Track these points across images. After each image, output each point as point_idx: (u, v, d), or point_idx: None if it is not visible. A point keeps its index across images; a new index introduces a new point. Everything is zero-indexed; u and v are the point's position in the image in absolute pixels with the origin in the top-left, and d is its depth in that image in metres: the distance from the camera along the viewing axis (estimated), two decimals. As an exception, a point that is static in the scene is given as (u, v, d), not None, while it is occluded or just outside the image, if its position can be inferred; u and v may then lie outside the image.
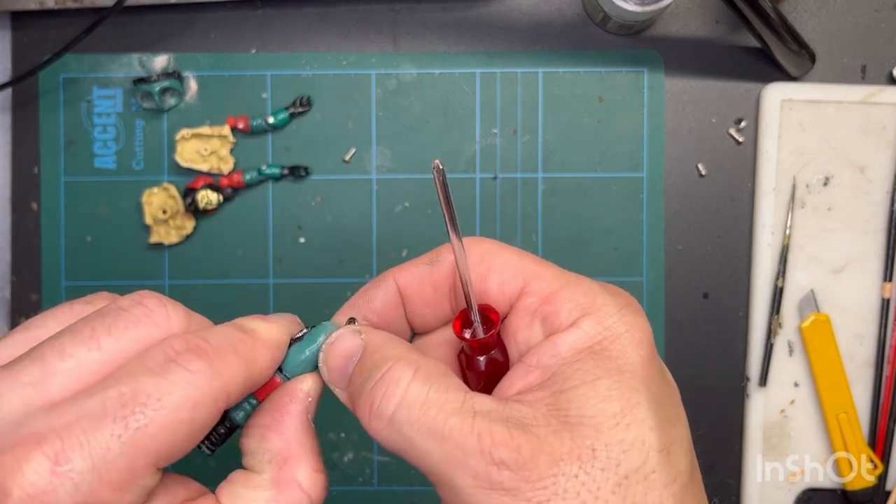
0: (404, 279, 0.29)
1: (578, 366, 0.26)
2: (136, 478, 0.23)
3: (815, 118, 0.52)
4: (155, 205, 0.52)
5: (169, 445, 0.23)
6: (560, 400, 0.25)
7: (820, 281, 0.52)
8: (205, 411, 0.24)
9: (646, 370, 0.26)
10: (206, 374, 0.24)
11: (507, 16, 0.53)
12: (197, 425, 0.24)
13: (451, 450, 0.24)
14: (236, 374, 0.25)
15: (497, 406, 0.25)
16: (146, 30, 0.53)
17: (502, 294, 0.28)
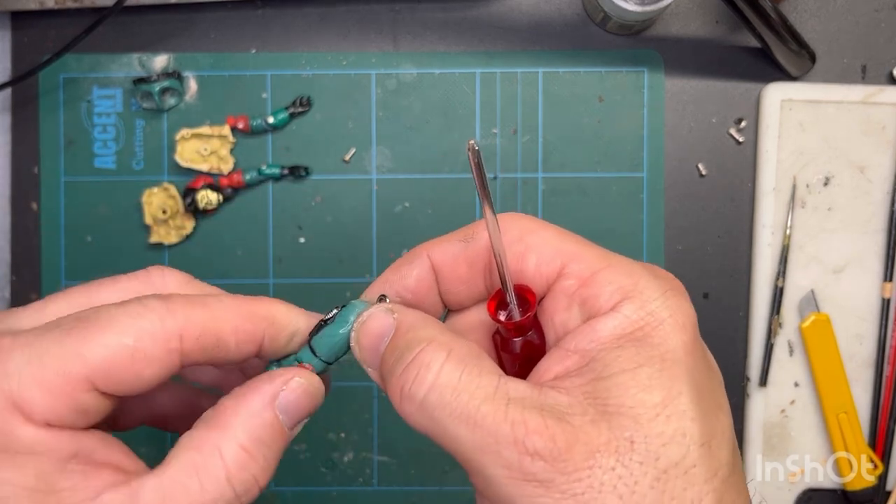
0: (438, 256, 0.29)
1: (618, 352, 0.24)
2: (68, 385, 0.25)
3: (816, 118, 0.52)
4: (155, 205, 0.52)
5: (108, 364, 0.25)
6: (598, 388, 0.24)
7: (820, 281, 0.52)
8: (150, 343, 0.25)
9: (689, 357, 0.25)
10: (158, 312, 0.26)
11: (507, 16, 0.53)
12: (140, 356, 0.25)
13: (483, 437, 0.23)
14: (194, 320, 0.26)
15: (532, 392, 0.24)
16: (146, 30, 0.53)
17: (539, 274, 0.27)
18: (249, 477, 0.26)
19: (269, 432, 0.27)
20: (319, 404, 0.28)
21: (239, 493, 0.26)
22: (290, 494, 0.53)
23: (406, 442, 0.53)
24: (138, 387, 0.26)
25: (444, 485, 0.53)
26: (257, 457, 0.26)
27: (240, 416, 0.27)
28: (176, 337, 0.26)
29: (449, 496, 0.53)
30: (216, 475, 0.25)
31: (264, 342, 0.29)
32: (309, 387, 0.28)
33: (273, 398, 0.27)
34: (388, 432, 0.53)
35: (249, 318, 0.28)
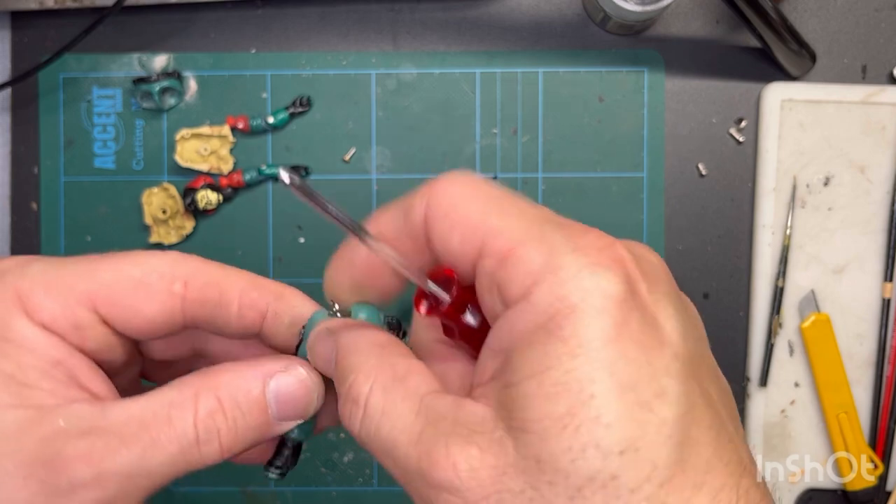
0: (384, 231, 0.27)
1: (528, 352, 0.21)
2: (72, 296, 0.27)
3: (816, 118, 0.52)
4: (155, 205, 0.52)
5: (111, 286, 0.27)
6: (508, 397, 0.21)
7: (820, 281, 0.52)
8: (155, 279, 0.28)
9: (610, 345, 0.21)
10: (171, 256, 0.28)
11: (507, 16, 0.53)
12: (143, 288, 0.28)
13: (399, 470, 0.23)
14: (202, 271, 0.28)
15: (451, 409, 0.22)
16: (146, 30, 0.53)
17: (463, 254, 0.24)
18: (214, 429, 0.26)
19: (249, 404, 0.26)
20: (313, 405, 0.28)
21: (201, 439, 0.26)
22: (290, 494, 0.53)
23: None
24: (137, 323, 0.28)
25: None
26: (228, 416, 0.26)
27: (227, 376, 0.27)
28: (181, 281, 0.28)
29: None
30: (185, 414, 0.26)
31: (267, 317, 0.29)
32: (307, 381, 0.27)
33: (266, 376, 0.27)
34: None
35: (257, 287, 0.29)
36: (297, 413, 0.27)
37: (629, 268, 0.24)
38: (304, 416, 0.28)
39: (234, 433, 0.26)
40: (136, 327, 0.28)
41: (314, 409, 0.28)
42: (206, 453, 0.26)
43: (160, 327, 0.28)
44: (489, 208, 0.24)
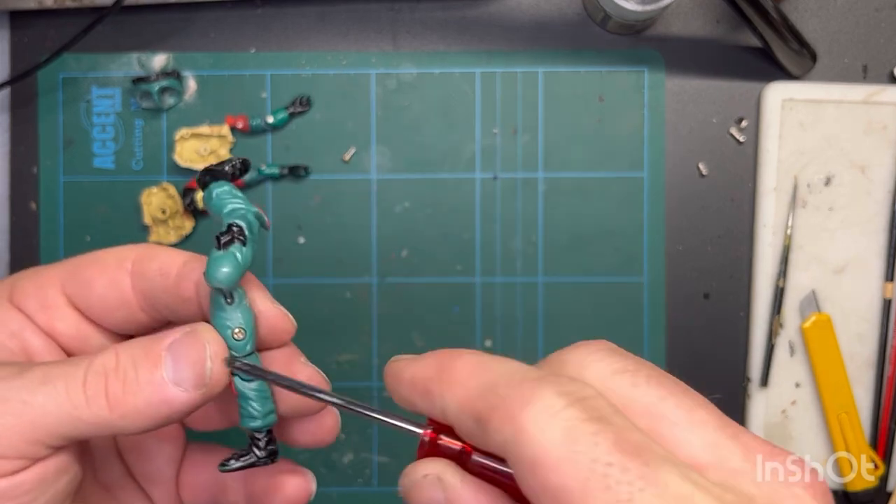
0: (454, 420, 0.24)
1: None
2: (47, 282, 0.29)
3: (816, 118, 0.52)
4: (154, 205, 0.52)
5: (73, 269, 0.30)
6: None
7: (821, 281, 0.52)
8: (109, 256, 0.30)
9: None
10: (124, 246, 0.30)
11: (507, 15, 0.53)
12: (99, 263, 0.29)
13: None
14: (150, 249, 0.30)
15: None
16: (145, 29, 0.53)
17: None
18: (102, 376, 0.25)
19: (144, 357, 0.26)
20: (207, 369, 0.26)
21: (88, 383, 0.25)
22: (290, 495, 0.53)
23: (406, 442, 0.53)
24: (92, 299, 0.29)
25: None
26: (120, 368, 0.25)
27: (139, 339, 0.27)
28: (129, 258, 0.29)
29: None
30: (83, 362, 0.26)
31: (199, 285, 0.28)
32: (202, 340, 0.26)
33: (169, 335, 0.26)
34: (387, 433, 0.53)
35: (197, 259, 0.29)
36: (190, 375, 0.26)
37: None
38: (202, 381, 0.26)
39: (122, 388, 0.25)
40: (93, 304, 0.29)
41: (210, 371, 0.26)
42: (94, 407, 0.25)
43: (115, 305, 0.29)
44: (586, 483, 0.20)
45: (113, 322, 0.30)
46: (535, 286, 0.53)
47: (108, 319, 0.30)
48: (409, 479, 0.25)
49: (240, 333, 0.27)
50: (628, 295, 0.53)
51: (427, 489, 0.24)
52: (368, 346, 0.53)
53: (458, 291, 0.53)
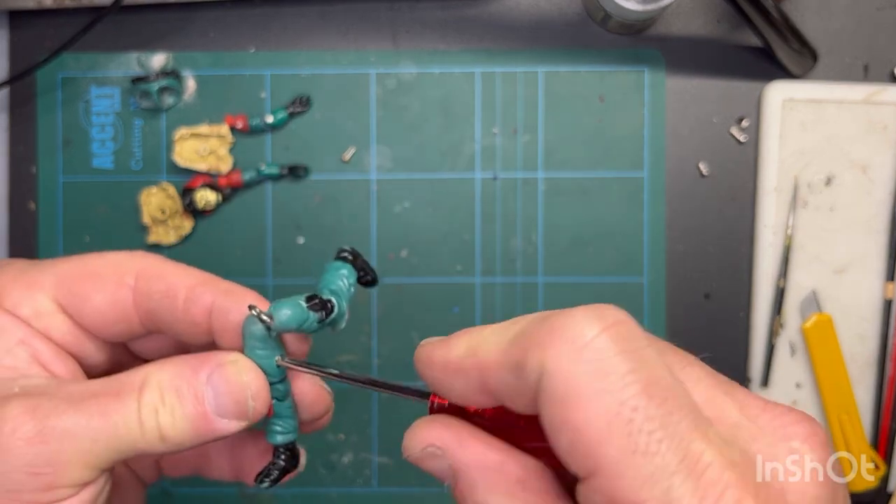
0: (493, 384, 0.23)
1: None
2: (35, 285, 0.29)
3: (817, 117, 0.51)
4: (153, 205, 0.52)
5: (68, 277, 0.29)
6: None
7: (822, 281, 0.52)
8: (106, 270, 0.29)
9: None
10: (123, 254, 0.30)
11: (507, 14, 0.53)
12: (96, 277, 0.29)
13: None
14: (153, 265, 0.29)
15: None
16: (144, 29, 0.53)
17: (567, 459, 0.21)
18: (154, 412, 0.26)
19: (187, 392, 0.27)
20: (250, 405, 0.27)
21: (143, 419, 0.26)
22: (289, 496, 0.53)
23: (406, 443, 0.53)
24: (89, 312, 0.29)
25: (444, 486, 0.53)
26: (167, 402, 0.26)
27: (173, 364, 0.27)
28: (133, 273, 0.29)
29: (448, 497, 0.53)
30: (131, 393, 0.26)
31: (213, 311, 0.28)
32: (242, 376, 0.27)
33: (207, 367, 0.27)
34: (387, 433, 0.53)
35: (206, 283, 0.29)
36: (234, 410, 0.27)
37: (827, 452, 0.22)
38: (244, 416, 0.27)
39: (172, 420, 0.26)
40: (90, 316, 0.29)
41: (252, 408, 0.27)
42: (149, 436, 0.26)
43: (114, 320, 0.29)
44: (612, 420, 0.20)
45: (109, 334, 0.30)
46: (535, 286, 0.53)
47: (104, 331, 0.30)
48: (412, 452, 0.25)
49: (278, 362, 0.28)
50: (628, 295, 0.52)
51: (430, 461, 0.24)
52: (368, 346, 0.53)
53: (458, 291, 0.53)
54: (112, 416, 0.26)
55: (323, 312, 0.28)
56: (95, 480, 0.26)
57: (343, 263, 0.30)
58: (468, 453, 0.23)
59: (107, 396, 0.26)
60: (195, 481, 0.52)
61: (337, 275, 0.29)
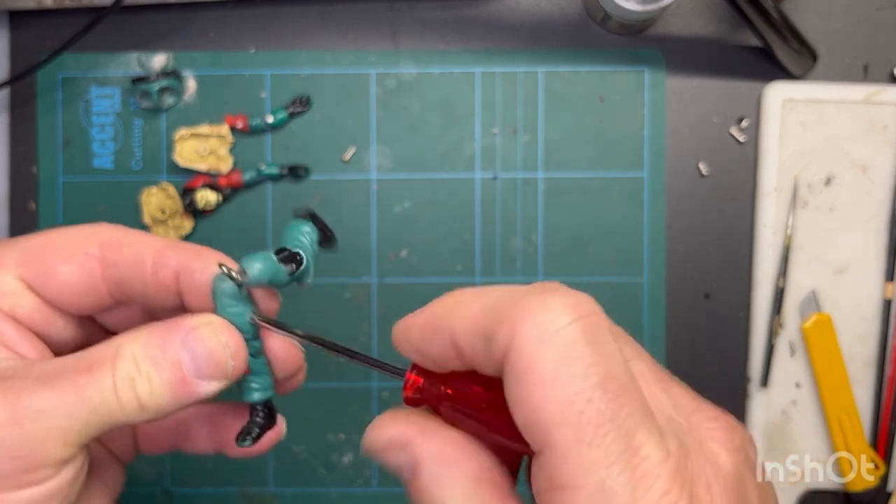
0: (463, 346, 0.24)
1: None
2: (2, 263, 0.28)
3: (817, 117, 0.51)
4: (153, 205, 0.52)
5: (33, 251, 0.28)
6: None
7: (822, 281, 0.52)
8: (70, 241, 0.29)
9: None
10: (84, 226, 0.30)
11: (507, 15, 0.53)
12: (60, 249, 0.29)
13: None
14: (116, 234, 0.29)
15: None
16: (144, 29, 0.53)
17: (523, 432, 0.22)
18: (129, 380, 0.26)
19: (163, 358, 0.26)
20: (229, 364, 0.27)
21: (119, 388, 0.26)
22: (289, 496, 0.53)
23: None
24: (56, 286, 0.28)
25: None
26: (142, 370, 0.26)
27: (145, 332, 0.27)
28: (95, 244, 0.28)
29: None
30: (104, 365, 0.26)
31: (181, 274, 0.28)
32: (219, 336, 0.27)
33: (181, 331, 0.27)
34: (387, 433, 0.53)
35: (173, 247, 0.29)
36: (213, 370, 0.27)
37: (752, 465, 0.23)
38: (224, 375, 0.27)
39: (150, 388, 0.26)
40: (57, 290, 0.29)
41: (232, 367, 0.27)
42: (127, 406, 0.26)
43: (82, 292, 0.29)
44: (567, 405, 0.21)
45: (77, 307, 0.29)
46: (536, 286, 0.53)
47: (72, 305, 0.29)
48: (376, 445, 0.25)
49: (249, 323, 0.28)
50: (628, 295, 0.53)
51: (392, 453, 0.24)
52: (368, 347, 0.53)
53: (458, 291, 0.53)
54: (86, 391, 0.25)
55: (293, 265, 0.28)
56: (75, 458, 0.26)
57: (304, 221, 0.30)
58: (430, 447, 0.24)
59: (79, 371, 0.26)
60: (196, 481, 0.53)
61: (300, 231, 0.29)
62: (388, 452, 0.25)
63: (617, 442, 0.20)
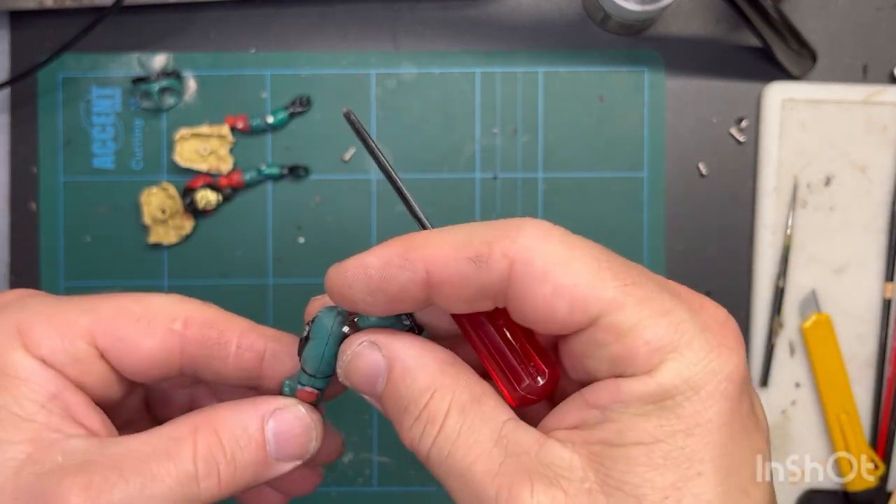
0: (440, 273, 0.24)
1: (639, 420, 0.22)
2: (71, 329, 0.27)
3: (817, 118, 0.52)
4: (154, 205, 0.52)
5: (110, 320, 0.28)
6: (606, 454, 0.22)
7: (821, 281, 0.52)
8: (154, 313, 0.28)
9: (723, 429, 0.22)
10: (170, 297, 0.29)
11: (507, 15, 0.53)
12: (143, 322, 0.28)
13: (470, 495, 0.22)
14: (202, 311, 0.29)
15: (532, 446, 0.23)
16: (145, 29, 0.53)
17: (570, 323, 0.23)
18: (213, 463, 0.26)
19: (248, 440, 0.26)
20: (312, 445, 0.28)
21: (200, 473, 0.25)
22: (290, 495, 0.53)
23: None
24: (135, 360, 0.28)
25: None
26: (227, 451, 0.26)
27: (226, 413, 0.27)
28: (181, 319, 0.28)
29: (448, 497, 0.53)
30: (184, 449, 0.26)
31: (266, 357, 0.28)
32: (306, 419, 0.27)
33: (265, 413, 0.27)
34: (387, 433, 0.53)
35: (255, 329, 0.29)
36: (295, 452, 0.27)
37: (743, 347, 0.24)
38: (304, 456, 0.27)
39: (233, 468, 0.26)
40: (135, 364, 0.28)
41: (314, 448, 0.28)
42: (206, 488, 0.26)
43: (158, 366, 0.28)
44: (598, 275, 0.23)
45: (146, 377, 0.29)
46: (535, 286, 0.53)
47: (142, 375, 0.29)
48: (347, 354, 0.26)
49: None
50: (628, 295, 0.53)
51: (364, 357, 0.25)
52: (368, 346, 0.53)
53: (458, 291, 0.53)
54: (166, 480, 0.25)
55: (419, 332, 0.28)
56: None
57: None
58: (401, 342, 0.25)
59: (157, 458, 0.25)
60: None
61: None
62: (360, 358, 0.25)
63: (653, 281, 0.23)
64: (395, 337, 0.26)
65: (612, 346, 0.22)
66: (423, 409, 0.24)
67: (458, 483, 0.23)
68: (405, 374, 0.25)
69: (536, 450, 0.23)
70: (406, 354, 0.25)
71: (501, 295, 0.24)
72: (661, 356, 0.22)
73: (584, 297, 0.23)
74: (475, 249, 0.23)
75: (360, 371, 0.26)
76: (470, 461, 0.23)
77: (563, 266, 0.23)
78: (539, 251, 0.23)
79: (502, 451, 0.23)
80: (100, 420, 0.28)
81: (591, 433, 0.22)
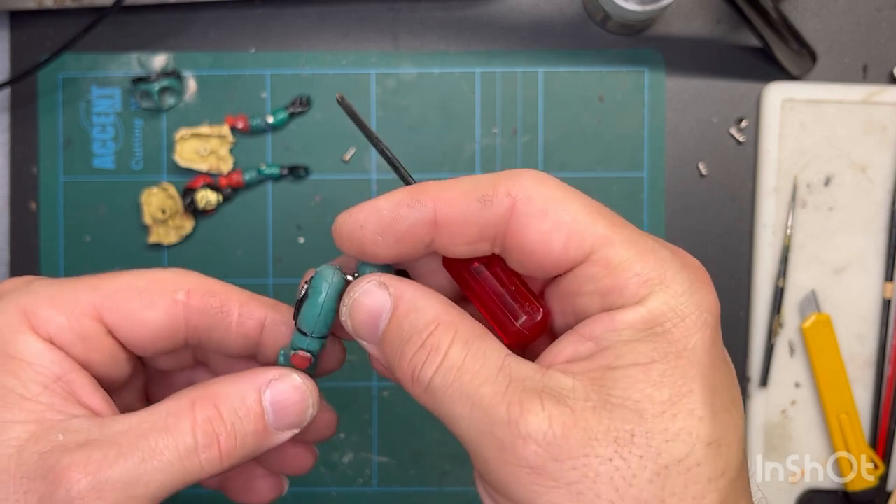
0: (447, 212, 0.25)
1: (634, 345, 0.24)
2: (77, 308, 0.28)
3: (817, 118, 0.52)
4: (154, 205, 0.52)
5: (116, 296, 0.28)
6: (606, 377, 0.23)
7: (821, 281, 0.52)
8: (158, 287, 0.29)
9: (706, 354, 0.24)
10: (172, 270, 0.30)
11: (507, 15, 0.53)
12: (146, 295, 0.29)
13: (479, 417, 0.23)
14: (204, 282, 0.29)
15: (536, 373, 0.24)
16: (145, 29, 0.53)
17: (566, 258, 0.25)
18: (213, 435, 0.26)
19: (246, 410, 0.27)
20: (309, 412, 0.28)
21: (200, 445, 0.26)
22: (290, 495, 0.53)
23: (406, 442, 0.53)
24: (141, 332, 0.28)
25: (444, 485, 0.53)
26: (227, 422, 0.26)
27: (223, 386, 0.27)
28: (184, 290, 0.29)
29: (448, 497, 0.53)
30: (182, 422, 0.26)
31: (266, 324, 0.29)
32: (302, 387, 0.28)
33: (262, 384, 0.27)
34: (387, 433, 0.53)
35: (255, 299, 0.30)
36: (294, 420, 0.28)
37: (714, 289, 0.26)
38: (301, 424, 0.28)
39: (234, 440, 0.27)
40: (141, 337, 0.29)
41: (310, 415, 0.28)
42: (207, 460, 0.26)
43: (164, 338, 0.29)
44: (593, 214, 0.25)
45: (151, 350, 0.29)
46: (535, 286, 0.53)
47: (148, 349, 0.29)
48: (355, 291, 0.26)
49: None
50: (628, 295, 0.53)
51: (374, 292, 0.26)
52: (368, 346, 0.53)
53: (458, 291, 0.53)
54: (165, 454, 0.25)
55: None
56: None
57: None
58: (407, 284, 0.26)
59: (155, 433, 0.26)
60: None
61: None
62: (367, 297, 0.26)
63: (637, 234, 0.26)
64: (402, 280, 0.27)
65: (604, 280, 0.25)
66: (428, 338, 0.25)
67: (465, 407, 0.24)
68: (410, 310, 0.25)
69: (539, 377, 0.24)
70: (412, 294, 0.26)
71: (500, 237, 0.26)
72: (649, 287, 0.24)
73: (581, 232, 0.25)
74: (482, 191, 0.25)
75: (365, 309, 0.26)
76: (477, 384, 0.24)
77: (561, 203, 0.25)
78: (539, 191, 0.25)
79: (507, 376, 0.24)
80: (103, 401, 0.28)
81: (589, 362, 0.24)
